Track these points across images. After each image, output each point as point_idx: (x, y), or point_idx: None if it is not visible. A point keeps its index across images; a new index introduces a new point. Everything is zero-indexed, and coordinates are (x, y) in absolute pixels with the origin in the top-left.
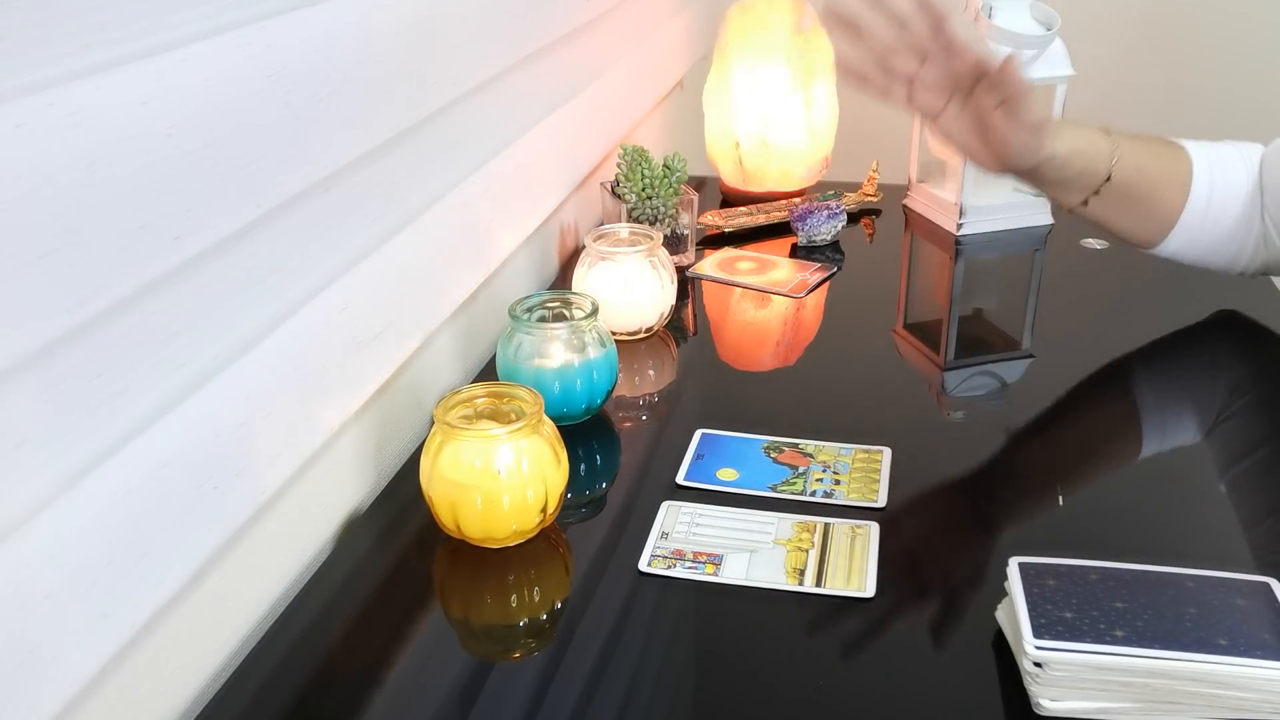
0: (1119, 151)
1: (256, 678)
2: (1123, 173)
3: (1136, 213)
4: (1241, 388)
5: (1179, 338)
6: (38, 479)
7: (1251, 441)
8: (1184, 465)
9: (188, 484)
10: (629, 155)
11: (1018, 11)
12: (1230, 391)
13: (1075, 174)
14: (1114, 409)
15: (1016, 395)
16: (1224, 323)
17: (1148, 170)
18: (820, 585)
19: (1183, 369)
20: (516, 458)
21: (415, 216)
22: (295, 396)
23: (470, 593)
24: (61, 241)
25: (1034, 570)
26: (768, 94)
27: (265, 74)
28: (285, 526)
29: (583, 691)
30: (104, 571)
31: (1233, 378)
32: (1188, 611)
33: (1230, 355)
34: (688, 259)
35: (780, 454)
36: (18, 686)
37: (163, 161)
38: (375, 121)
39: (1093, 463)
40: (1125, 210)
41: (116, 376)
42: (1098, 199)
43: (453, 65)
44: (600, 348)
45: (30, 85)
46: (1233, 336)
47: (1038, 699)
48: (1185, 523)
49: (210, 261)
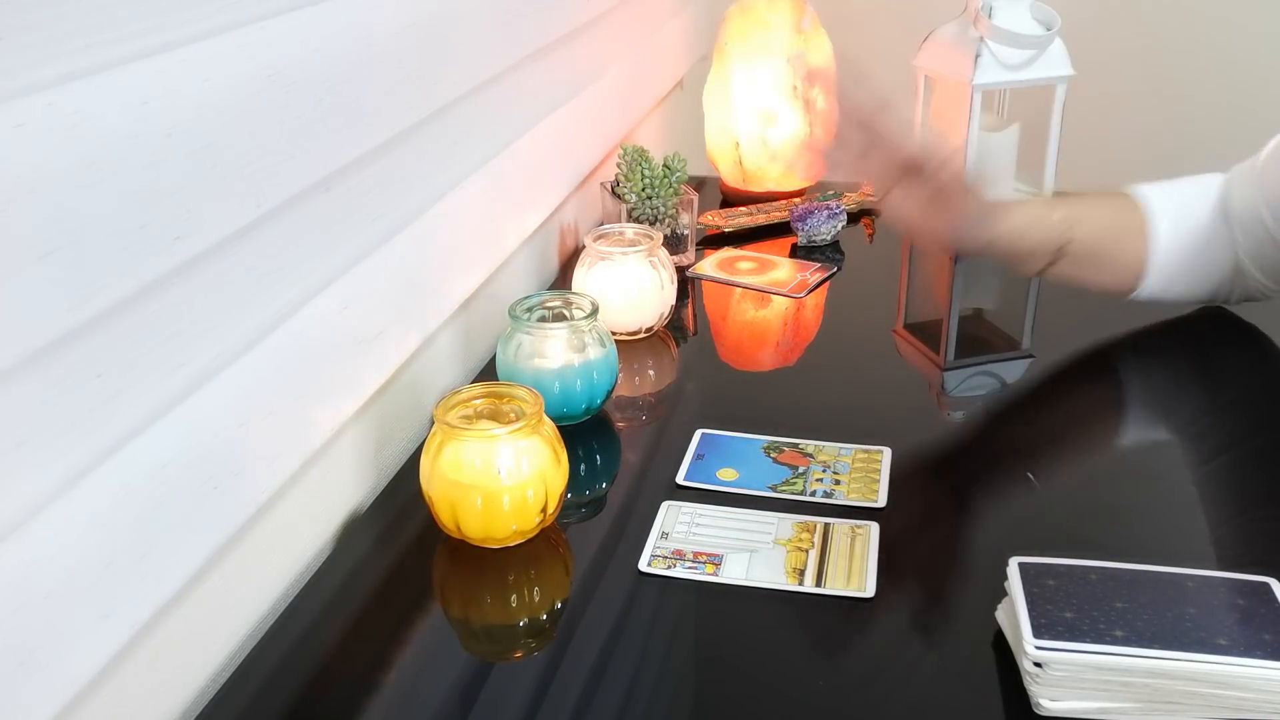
0: (1070, 217)
1: (256, 678)
2: (1079, 236)
3: (1101, 269)
4: (1242, 388)
5: (1179, 337)
6: (38, 479)
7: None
8: (1184, 465)
9: (188, 484)
10: (629, 155)
11: (1018, 11)
12: (1231, 391)
13: (1029, 248)
14: (1114, 409)
15: (1016, 395)
16: (1226, 323)
17: (1104, 227)
18: (820, 585)
19: (1183, 369)
20: (516, 458)
21: (415, 216)
22: (295, 396)
23: (470, 593)
24: (61, 241)
25: (1034, 570)
26: (768, 94)
27: (265, 74)
28: (285, 526)
29: (583, 691)
30: (104, 571)
31: (1234, 378)
32: (1188, 611)
33: (1232, 355)
34: (688, 259)
35: (780, 454)
36: (18, 686)
37: (163, 161)
38: (375, 121)
39: (1093, 462)
40: (1090, 268)
41: (116, 376)
42: (1060, 264)
43: (453, 65)
44: (600, 348)
45: (30, 85)
46: (1235, 336)
47: (1038, 699)
48: (1185, 523)
49: (210, 261)
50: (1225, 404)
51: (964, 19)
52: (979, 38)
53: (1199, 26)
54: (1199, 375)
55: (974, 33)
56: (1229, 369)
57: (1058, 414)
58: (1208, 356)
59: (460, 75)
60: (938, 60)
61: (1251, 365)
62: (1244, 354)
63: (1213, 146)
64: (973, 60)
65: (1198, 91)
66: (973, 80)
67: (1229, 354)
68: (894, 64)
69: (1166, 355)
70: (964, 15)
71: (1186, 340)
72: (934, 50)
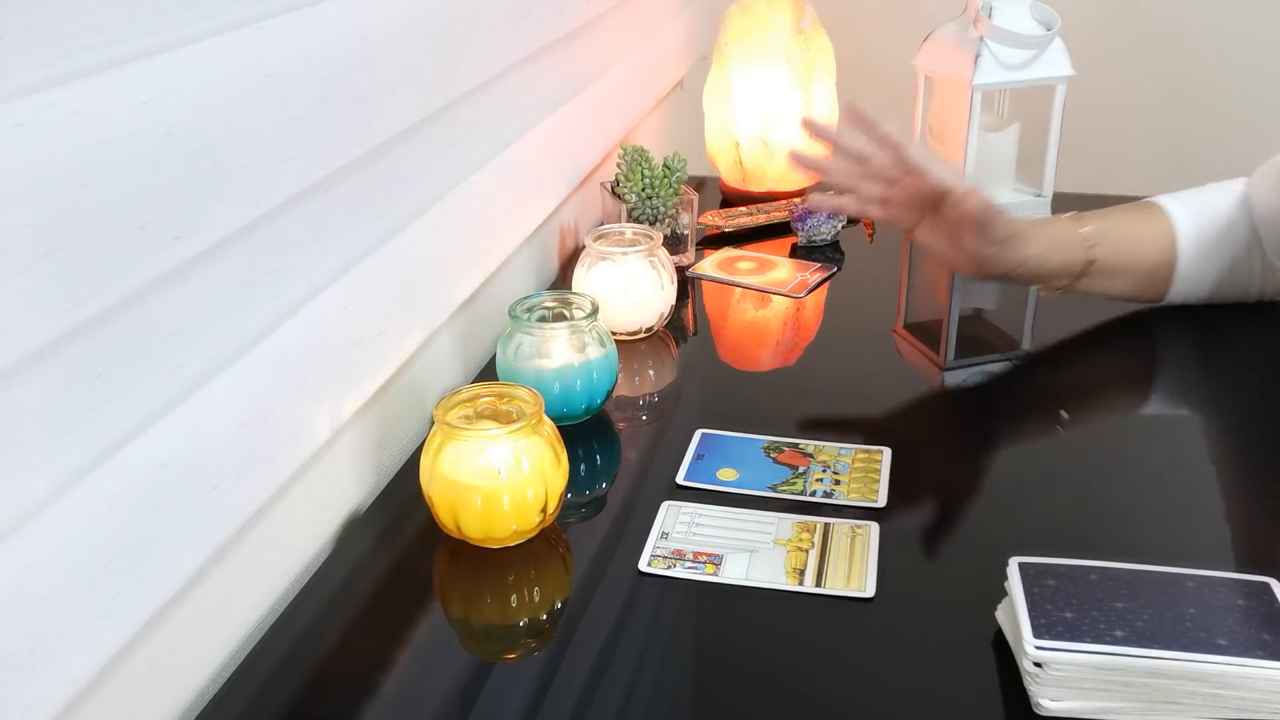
0: (1094, 235)
1: (256, 678)
2: (1103, 252)
3: (1128, 280)
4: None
5: (1179, 337)
6: (38, 479)
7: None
8: (1184, 465)
9: (188, 484)
10: (629, 155)
11: (1018, 11)
12: (1232, 392)
13: (1055, 268)
14: (1113, 408)
15: (1016, 395)
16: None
17: (1127, 241)
18: (820, 585)
19: (1183, 369)
20: (516, 458)
21: (415, 216)
22: (295, 396)
23: (470, 593)
24: (61, 241)
25: (1034, 570)
26: (768, 94)
27: (265, 74)
28: (285, 526)
29: (583, 691)
30: (104, 571)
31: (1235, 379)
32: (1188, 611)
33: (1233, 355)
34: (688, 259)
35: (780, 454)
36: (18, 686)
37: (163, 161)
38: (375, 121)
39: (1092, 462)
40: (1116, 280)
41: (116, 376)
42: (1085, 280)
43: (453, 65)
44: (600, 348)
45: (30, 85)
46: (1235, 336)
47: (1038, 699)
48: (1185, 523)
49: (210, 261)
50: (1227, 405)
51: (964, 19)
52: (979, 38)
53: (1199, 26)
54: (1199, 375)
55: (974, 33)
56: (1230, 369)
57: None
58: (1209, 358)
59: (460, 75)
60: (938, 60)
61: (1252, 366)
62: (1244, 354)
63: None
64: (973, 60)
65: (1198, 91)
66: (973, 80)
67: (1230, 354)
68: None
69: (1166, 355)
70: (964, 15)
71: (1187, 340)
72: (934, 50)
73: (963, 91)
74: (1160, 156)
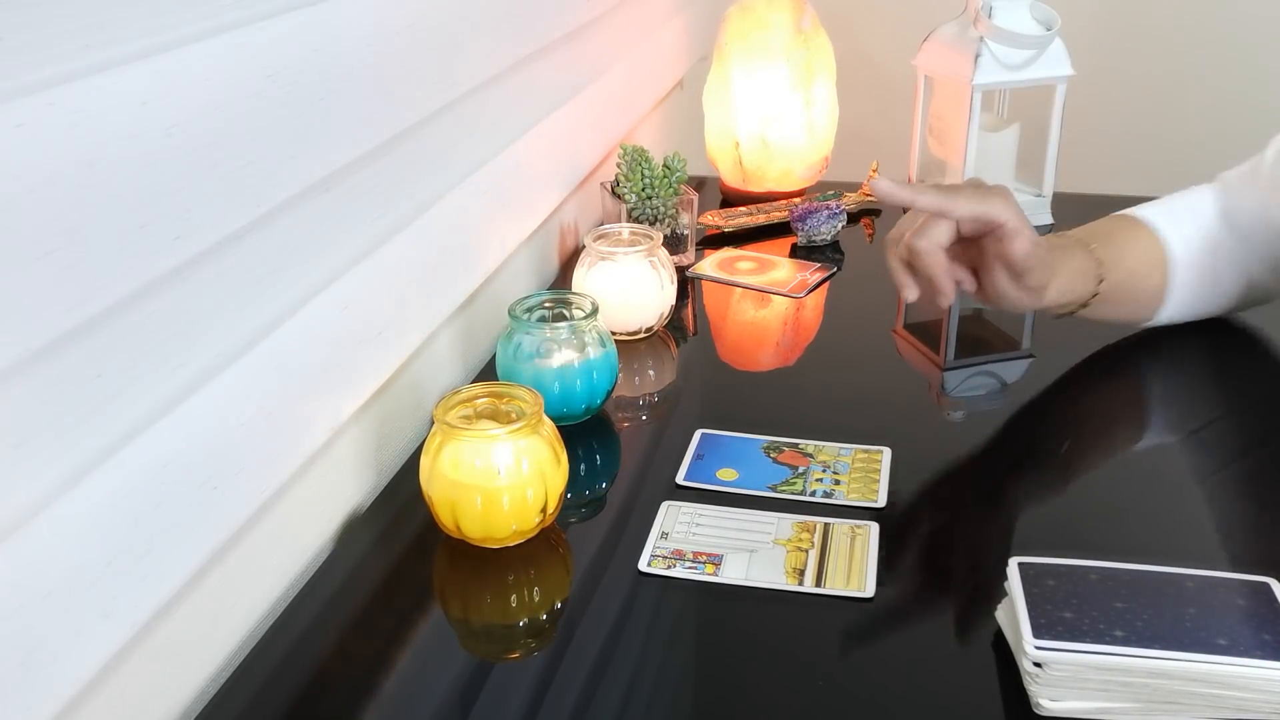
0: (1102, 269)
1: (256, 678)
2: (1107, 287)
3: (1122, 307)
4: (1243, 389)
5: (1179, 338)
6: (38, 479)
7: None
8: (1184, 465)
9: (188, 484)
10: (629, 155)
11: (1018, 11)
12: (1233, 392)
13: (1065, 303)
14: (1113, 409)
15: (1016, 395)
16: (1228, 325)
17: (1131, 268)
18: (820, 585)
19: (1183, 369)
20: (516, 458)
21: (415, 216)
22: (295, 396)
23: (470, 593)
24: (61, 241)
25: (1034, 570)
26: (768, 94)
27: (265, 74)
28: (285, 526)
29: (583, 691)
30: (104, 571)
31: (1235, 379)
32: (1187, 612)
33: (1230, 354)
34: (688, 259)
35: (780, 454)
36: (18, 686)
37: (163, 161)
38: (375, 121)
39: (1092, 462)
40: (1112, 307)
41: (116, 376)
42: (1085, 309)
43: (453, 65)
44: (600, 348)
45: (30, 85)
46: (1234, 335)
47: (1038, 699)
48: (1185, 523)
49: (210, 261)
50: (1226, 404)
51: (964, 19)
52: (979, 38)
53: (1199, 26)
54: (1200, 375)
55: (974, 33)
56: (1230, 370)
57: (1057, 414)
58: (1208, 357)
59: (460, 75)
60: (938, 60)
61: (1253, 366)
62: (1244, 355)
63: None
64: (973, 60)
65: (1198, 91)
66: (973, 80)
67: (1230, 355)
68: (894, 64)
69: (1166, 355)
70: (964, 15)
71: (1186, 341)
72: (934, 50)
73: (963, 91)
74: (1160, 156)
